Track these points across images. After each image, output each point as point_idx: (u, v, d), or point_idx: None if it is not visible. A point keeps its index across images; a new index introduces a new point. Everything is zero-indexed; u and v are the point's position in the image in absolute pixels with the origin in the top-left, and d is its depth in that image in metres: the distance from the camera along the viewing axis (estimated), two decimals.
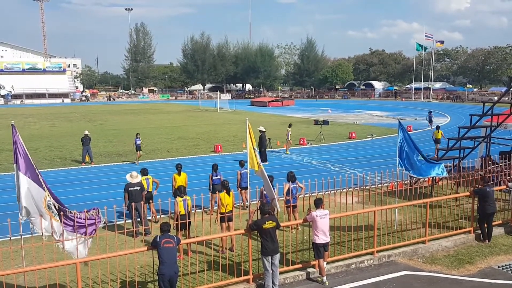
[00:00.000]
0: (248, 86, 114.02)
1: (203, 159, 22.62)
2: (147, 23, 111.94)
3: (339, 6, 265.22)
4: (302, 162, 21.54)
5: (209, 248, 10.21)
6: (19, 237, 7.98)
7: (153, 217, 12.82)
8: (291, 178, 11.80)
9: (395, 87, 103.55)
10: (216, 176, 13.38)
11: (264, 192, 10.95)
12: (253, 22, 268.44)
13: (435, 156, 16.81)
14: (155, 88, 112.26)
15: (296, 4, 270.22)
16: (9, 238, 7.88)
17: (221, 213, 10.31)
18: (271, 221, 8.49)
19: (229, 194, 10.50)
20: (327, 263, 9.50)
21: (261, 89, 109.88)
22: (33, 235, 7.93)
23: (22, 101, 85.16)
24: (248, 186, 12.80)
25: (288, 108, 64.20)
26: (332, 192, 10.63)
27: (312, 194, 10.37)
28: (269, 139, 25.93)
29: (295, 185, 11.77)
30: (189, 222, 10.16)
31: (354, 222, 11.39)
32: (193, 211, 10.49)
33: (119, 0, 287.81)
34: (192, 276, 9.05)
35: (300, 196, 11.77)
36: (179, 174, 12.95)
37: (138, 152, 21.56)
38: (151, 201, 12.78)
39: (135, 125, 40.82)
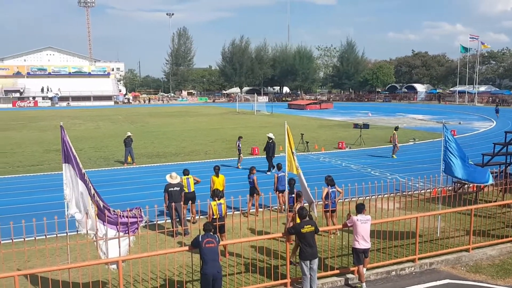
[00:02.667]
0: (286, 89, 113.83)
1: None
2: (187, 28, 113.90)
3: (379, 8, 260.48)
4: (341, 166, 21.26)
5: (246, 251, 10.23)
6: (65, 234, 8.29)
7: (192, 218, 12.98)
8: (330, 182, 11.66)
9: (438, 90, 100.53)
10: (249, 178, 13.51)
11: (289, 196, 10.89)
12: (291, 25, 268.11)
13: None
14: (193, 91, 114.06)
15: (335, 6, 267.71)
16: (55, 235, 8.20)
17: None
18: (309, 225, 8.41)
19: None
20: (367, 269, 9.32)
21: (299, 92, 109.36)
22: (78, 232, 8.21)
23: (68, 103, 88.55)
24: (286, 190, 12.75)
25: (327, 111, 63.58)
26: (372, 197, 10.43)
27: (352, 199, 10.21)
28: (307, 142, 25.78)
29: (334, 189, 11.62)
30: (224, 225, 10.22)
31: (395, 228, 11.13)
32: (230, 213, 10.55)
33: (160, 6, 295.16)
34: (230, 277, 9.10)
35: (339, 200, 11.63)
36: (217, 175, 13.08)
37: (240, 155, 21.24)
38: (192, 201, 12.90)
39: (175, 127, 41.62)
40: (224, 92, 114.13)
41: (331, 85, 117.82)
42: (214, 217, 10.18)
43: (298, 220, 8.90)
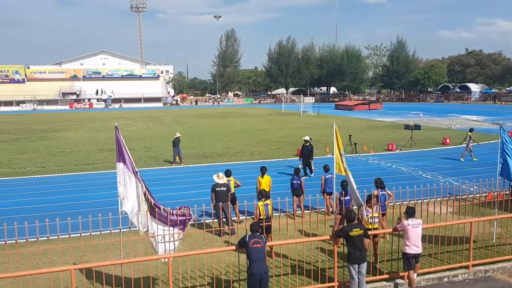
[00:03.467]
0: (333, 89, 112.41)
1: (286, 163, 22.67)
2: (234, 30, 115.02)
3: (431, 6, 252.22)
4: (391, 169, 20.73)
5: (293, 252, 10.19)
6: (118, 230, 8.61)
7: (238, 218, 13.09)
8: (379, 184, 11.37)
9: (493, 90, 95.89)
10: (296, 180, 13.40)
11: (343, 198, 10.75)
12: (339, 24, 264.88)
13: None
14: (239, 92, 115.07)
15: (385, 4, 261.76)
16: (109, 231, 8.53)
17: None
18: (358, 229, 8.25)
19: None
20: (418, 275, 9.04)
21: (346, 92, 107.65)
22: (130, 229, 8.50)
23: (120, 105, 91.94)
24: (334, 192, 12.59)
25: (375, 112, 62.18)
26: (424, 201, 10.10)
27: (403, 203, 9.94)
28: (355, 143, 25.35)
29: (383, 192, 11.34)
30: (270, 226, 10.22)
31: (448, 233, 10.71)
32: (276, 214, 10.54)
33: (208, 9, 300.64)
34: (276, 278, 9.10)
35: (389, 204, 11.35)
36: (262, 176, 13.11)
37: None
38: (232, 202, 13.00)
39: (221, 128, 42.18)
40: (270, 93, 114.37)
41: (380, 85, 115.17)
42: (261, 217, 10.20)
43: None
